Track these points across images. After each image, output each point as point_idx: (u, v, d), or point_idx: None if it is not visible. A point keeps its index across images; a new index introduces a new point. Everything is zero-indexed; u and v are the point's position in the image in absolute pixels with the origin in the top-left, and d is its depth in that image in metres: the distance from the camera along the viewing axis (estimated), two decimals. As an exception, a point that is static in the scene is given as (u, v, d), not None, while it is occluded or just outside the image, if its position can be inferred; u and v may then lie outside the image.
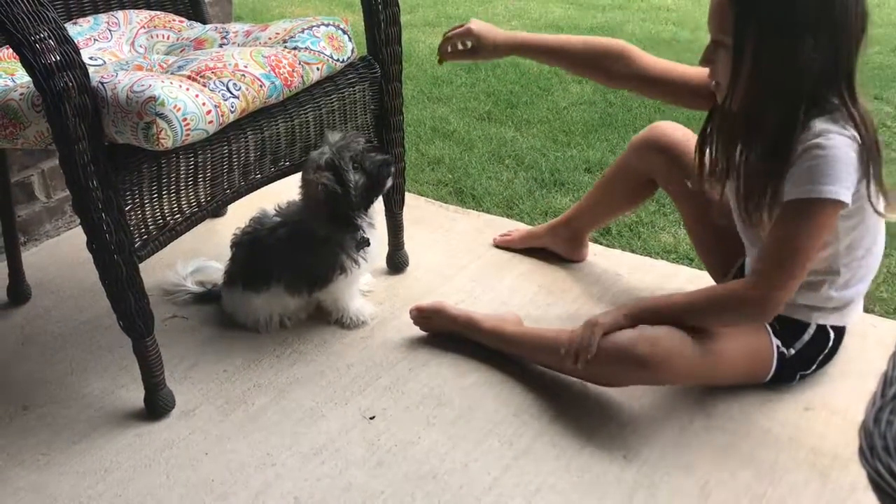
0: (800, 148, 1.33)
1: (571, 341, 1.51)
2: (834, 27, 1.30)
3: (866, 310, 1.81)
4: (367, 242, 1.74)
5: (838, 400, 1.55)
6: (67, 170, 1.37)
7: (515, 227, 2.19)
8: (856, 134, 1.32)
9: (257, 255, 1.77)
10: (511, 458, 1.47)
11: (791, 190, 1.34)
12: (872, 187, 1.36)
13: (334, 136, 1.67)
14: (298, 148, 1.71)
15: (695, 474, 1.41)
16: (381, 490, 1.41)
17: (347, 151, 1.65)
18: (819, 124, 1.33)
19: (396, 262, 2.04)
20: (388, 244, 2.03)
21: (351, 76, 1.75)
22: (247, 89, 1.48)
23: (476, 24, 1.72)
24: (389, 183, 1.72)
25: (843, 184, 1.30)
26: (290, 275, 1.75)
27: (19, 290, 1.97)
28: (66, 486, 1.44)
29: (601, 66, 1.67)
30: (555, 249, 2.05)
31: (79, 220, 2.28)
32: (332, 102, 1.72)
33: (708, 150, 1.52)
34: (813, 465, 1.40)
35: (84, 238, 1.45)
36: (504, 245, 2.13)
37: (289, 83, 1.56)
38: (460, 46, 1.74)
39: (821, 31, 1.29)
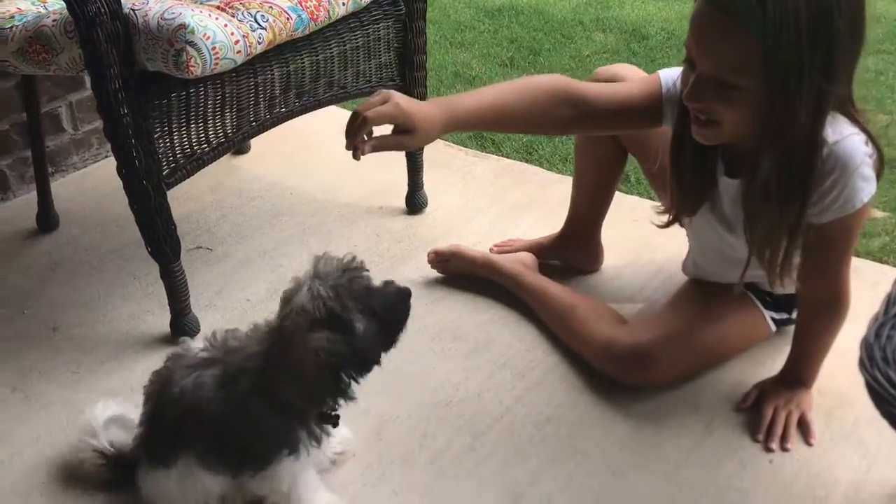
0: (818, 163, 1.22)
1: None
2: (858, 53, 1.20)
3: (880, 261, 1.83)
4: (335, 420, 1.23)
5: (845, 344, 1.56)
6: (99, 95, 1.40)
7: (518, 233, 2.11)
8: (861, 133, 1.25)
9: (165, 407, 1.20)
10: (523, 389, 1.52)
11: (826, 209, 1.26)
12: None
13: (324, 265, 1.15)
14: (322, 83, 1.73)
15: (700, 411, 1.46)
16: (397, 415, 1.46)
17: (348, 290, 1.13)
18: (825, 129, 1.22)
19: (415, 202, 2.07)
20: (408, 185, 2.06)
21: (376, 13, 1.76)
22: (274, 21, 1.50)
23: (402, 98, 1.29)
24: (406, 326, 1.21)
25: (871, 179, 1.26)
26: (206, 439, 1.18)
27: (48, 219, 2.03)
28: (95, 402, 1.50)
29: (546, 118, 1.40)
30: (570, 261, 1.85)
31: (105, 154, 2.34)
32: (356, 39, 1.73)
33: (687, 177, 1.39)
34: (817, 405, 1.44)
35: (110, 171, 1.49)
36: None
37: (315, 17, 1.58)
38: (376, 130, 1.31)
39: (850, 60, 1.20)
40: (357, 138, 1.27)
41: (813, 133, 1.19)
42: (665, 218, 1.48)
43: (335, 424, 1.23)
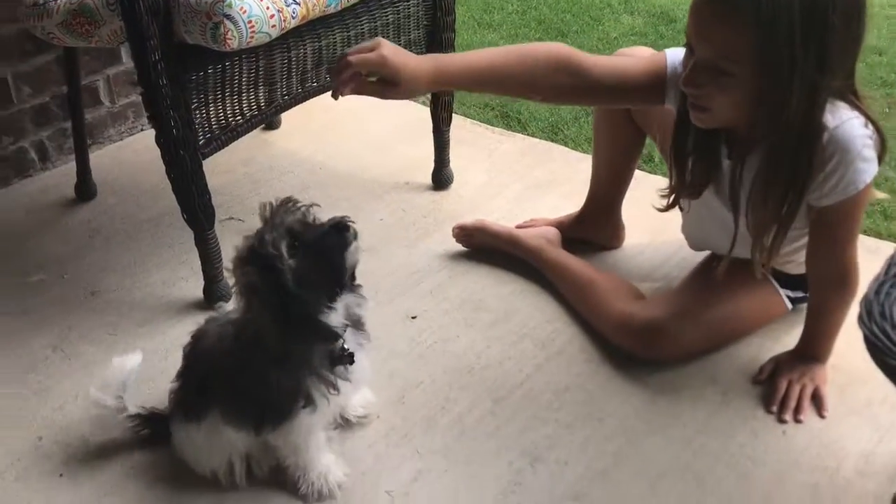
0: (819, 147, 1.25)
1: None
2: (855, 48, 1.22)
3: (894, 238, 1.85)
4: (349, 358, 1.21)
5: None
6: (139, 67, 1.46)
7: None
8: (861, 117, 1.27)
9: (199, 365, 1.28)
10: (543, 358, 1.56)
11: (829, 193, 1.28)
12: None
13: (265, 209, 1.15)
14: (353, 59, 1.77)
15: (716, 383, 1.49)
16: (421, 380, 1.51)
17: (274, 229, 1.12)
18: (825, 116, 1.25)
19: (441, 178, 2.11)
20: (434, 161, 2.11)
21: (406, -10, 1.80)
22: (308, -3, 1.54)
23: (390, 49, 1.30)
24: (355, 256, 1.17)
25: (872, 160, 1.28)
26: (230, 397, 1.23)
27: (86, 188, 2.10)
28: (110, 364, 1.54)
29: (544, 84, 1.40)
30: (592, 238, 1.87)
31: (140, 127, 2.40)
32: (386, 15, 1.78)
33: (690, 162, 1.41)
34: (832, 380, 1.46)
35: (145, 143, 1.54)
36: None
37: (347, -7, 1.62)
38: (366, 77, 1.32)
39: (846, 55, 1.22)
40: (337, 79, 1.30)
41: (806, 124, 1.22)
42: (666, 200, 1.51)
43: (349, 362, 1.21)
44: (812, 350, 1.47)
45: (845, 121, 1.25)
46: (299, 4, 1.52)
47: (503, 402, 1.46)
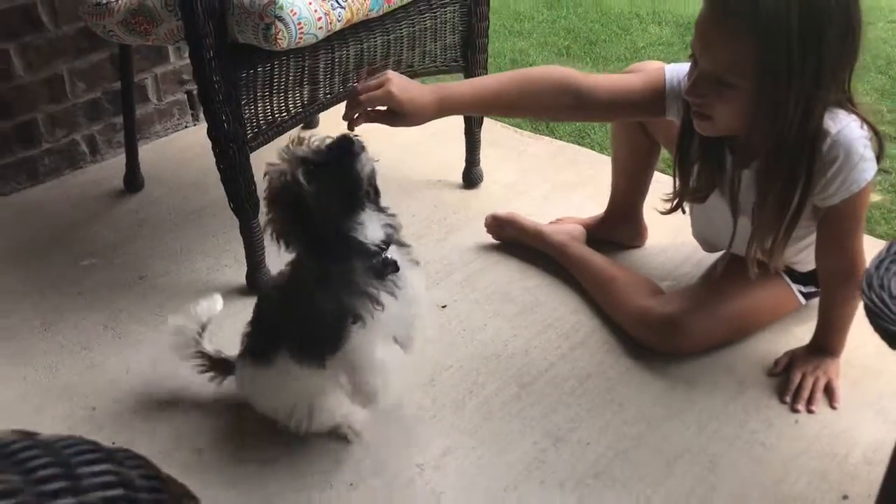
0: (819, 153, 1.32)
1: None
2: (851, 62, 1.30)
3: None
4: (393, 265, 1.26)
5: (876, 321, 1.67)
6: (195, 63, 1.56)
7: (569, 217, 2.01)
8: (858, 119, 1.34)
9: (270, 308, 1.37)
10: (567, 348, 1.64)
11: (834, 193, 1.36)
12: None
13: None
14: (392, 62, 1.87)
15: (733, 374, 1.56)
16: (450, 364, 1.60)
17: (288, 163, 1.21)
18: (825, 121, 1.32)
19: (471, 177, 2.20)
20: (465, 161, 2.20)
21: (444, -3, 1.89)
22: (352, 1, 1.64)
23: (397, 85, 1.40)
24: (368, 165, 1.24)
25: (872, 158, 1.35)
26: (293, 335, 1.29)
27: (134, 180, 2.21)
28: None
29: (547, 106, 1.53)
30: (615, 238, 1.95)
31: (185, 124, 2.52)
32: (424, 21, 1.87)
33: (696, 168, 1.49)
34: (844, 374, 1.53)
35: (189, 140, 1.64)
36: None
37: (389, -1, 1.72)
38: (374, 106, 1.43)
39: (842, 69, 1.30)
40: (350, 115, 1.43)
41: (802, 134, 1.30)
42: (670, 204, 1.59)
43: (395, 270, 1.25)
44: (825, 344, 1.53)
45: (845, 125, 1.33)
46: (344, 8, 1.62)
47: (528, 387, 1.55)
